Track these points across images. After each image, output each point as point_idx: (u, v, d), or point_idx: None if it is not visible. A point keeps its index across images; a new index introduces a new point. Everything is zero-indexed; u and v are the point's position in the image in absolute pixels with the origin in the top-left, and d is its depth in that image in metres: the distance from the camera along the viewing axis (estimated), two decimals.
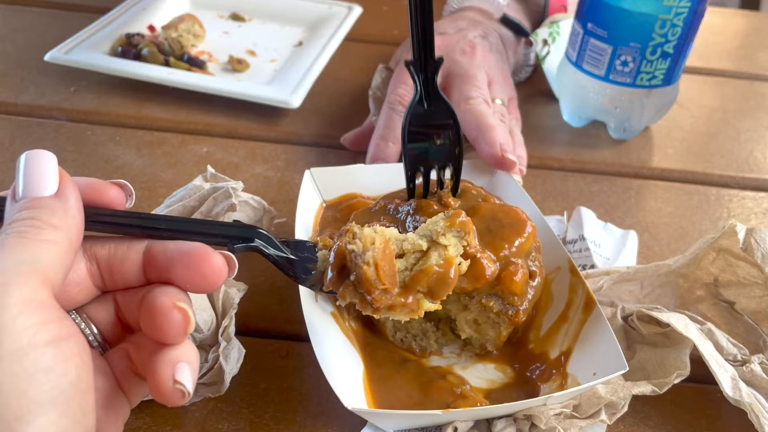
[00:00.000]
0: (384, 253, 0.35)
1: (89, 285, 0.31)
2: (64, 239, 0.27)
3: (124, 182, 0.32)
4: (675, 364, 0.41)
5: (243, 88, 0.70)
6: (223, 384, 0.41)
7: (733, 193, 0.66)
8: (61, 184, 0.29)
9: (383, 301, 0.35)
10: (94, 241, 0.31)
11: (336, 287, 0.36)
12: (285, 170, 0.64)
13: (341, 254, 0.35)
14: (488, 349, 0.44)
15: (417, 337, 0.45)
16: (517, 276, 0.40)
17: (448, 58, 0.62)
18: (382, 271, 0.34)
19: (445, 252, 0.37)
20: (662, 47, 0.62)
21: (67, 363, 0.26)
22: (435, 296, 0.37)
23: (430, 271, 0.36)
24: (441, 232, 0.37)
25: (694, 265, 0.46)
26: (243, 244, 0.33)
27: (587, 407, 0.39)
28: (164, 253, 0.31)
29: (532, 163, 0.67)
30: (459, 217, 0.38)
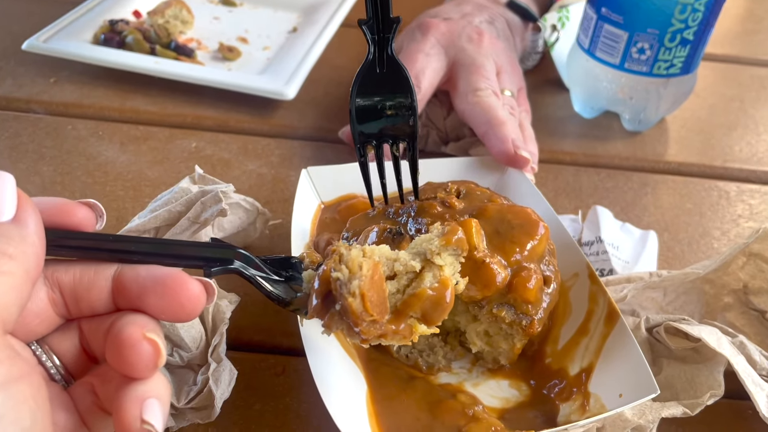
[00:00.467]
0: (372, 280, 0.31)
1: (51, 315, 0.29)
2: (19, 269, 0.25)
3: (94, 202, 0.30)
4: (707, 383, 0.38)
5: (234, 78, 0.66)
6: (213, 409, 0.37)
7: (755, 188, 0.62)
8: (19, 208, 0.26)
9: (371, 332, 0.32)
10: (57, 266, 0.29)
11: (321, 316, 0.33)
12: (279, 166, 0.60)
13: (326, 281, 0.32)
14: (501, 362, 0.41)
15: (423, 353, 0.42)
16: (530, 282, 0.37)
17: (454, 46, 0.58)
18: (369, 302, 0.31)
19: (441, 273, 0.33)
20: (682, 33, 0.59)
21: (19, 407, 0.23)
22: (430, 322, 0.33)
23: (424, 296, 0.33)
24: (436, 251, 0.34)
25: (722, 270, 0.43)
26: (220, 267, 0.31)
27: (612, 431, 0.36)
28: (136, 280, 0.28)
29: (542, 158, 0.63)
30: (455, 235, 0.34)
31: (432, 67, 0.56)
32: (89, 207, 0.29)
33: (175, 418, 0.38)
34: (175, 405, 0.37)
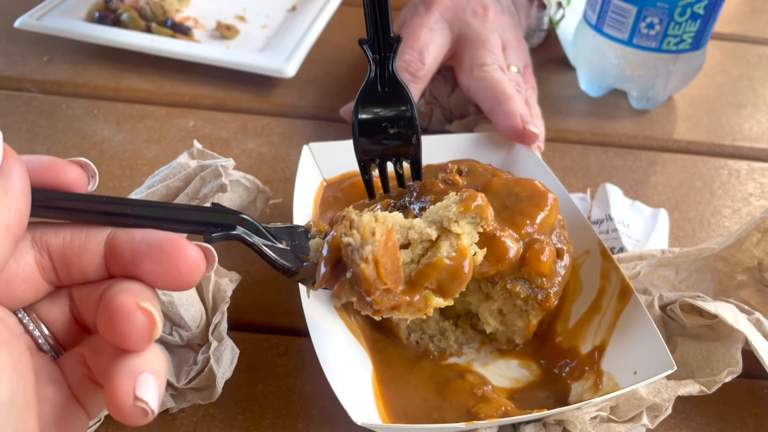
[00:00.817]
0: (386, 246, 0.29)
1: (39, 281, 0.27)
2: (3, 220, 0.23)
3: (86, 161, 0.28)
4: (724, 360, 0.36)
5: (232, 56, 0.65)
6: (214, 389, 0.36)
7: (766, 166, 0.61)
8: (3, 161, 0.24)
9: (384, 303, 0.30)
10: (46, 229, 0.27)
11: (330, 285, 0.31)
12: (280, 145, 0.59)
13: (336, 247, 0.30)
14: (516, 342, 0.40)
15: (434, 338, 0.40)
16: (544, 254, 0.36)
17: (458, 20, 0.57)
18: (383, 268, 0.29)
19: (458, 242, 0.32)
20: (692, 7, 0.57)
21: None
22: (446, 293, 0.32)
23: (440, 265, 0.31)
24: (453, 219, 0.32)
25: (735, 247, 0.42)
26: (222, 233, 0.29)
27: (626, 410, 0.35)
28: (130, 244, 0.26)
29: (549, 136, 0.62)
30: (474, 201, 0.32)
31: (436, 42, 0.55)
32: (80, 166, 0.28)
33: (175, 399, 0.37)
34: (175, 385, 0.36)
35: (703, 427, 0.39)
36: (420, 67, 0.53)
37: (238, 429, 0.37)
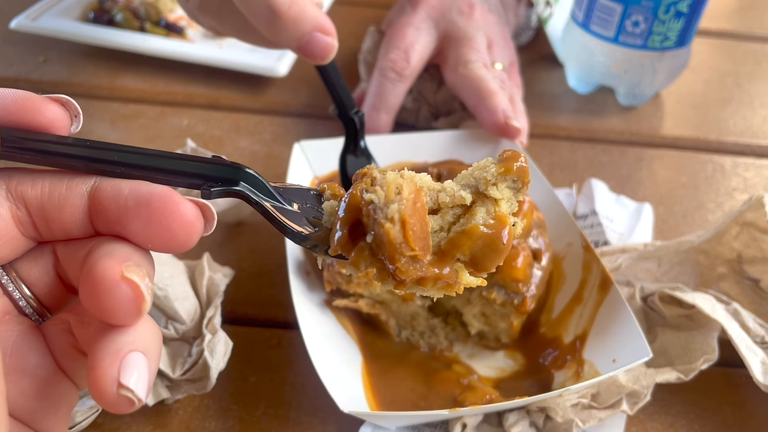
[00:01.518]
0: (414, 206, 0.25)
1: (17, 236, 0.24)
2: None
3: (67, 98, 0.24)
4: (702, 348, 0.38)
5: (225, 55, 0.66)
6: (208, 380, 0.37)
7: (749, 161, 0.62)
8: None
9: (410, 273, 0.25)
10: (22, 177, 0.24)
11: (347, 250, 0.26)
12: (272, 143, 0.60)
13: (355, 206, 0.25)
14: (503, 341, 0.41)
15: (425, 335, 0.41)
16: (517, 261, 0.36)
17: (444, 19, 0.58)
18: (411, 231, 0.24)
19: (497, 208, 0.26)
20: (676, 6, 0.58)
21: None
22: (480, 267, 0.27)
23: (476, 234, 0.26)
24: (491, 181, 0.26)
25: (716, 240, 0.43)
26: (222, 188, 0.24)
27: (607, 396, 0.36)
28: (116, 199, 0.23)
29: (538, 133, 0.63)
30: (517, 161, 0.27)
31: (422, 41, 0.56)
32: (61, 104, 0.24)
33: (170, 390, 0.38)
34: (170, 377, 0.37)
35: (683, 413, 0.40)
36: (405, 66, 0.54)
37: (232, 419, 0.38)
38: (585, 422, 0.35)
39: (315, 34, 0.37)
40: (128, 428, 0.38)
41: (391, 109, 0.55)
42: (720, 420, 0.40)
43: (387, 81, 0.54)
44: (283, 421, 0.38)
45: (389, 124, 0.55)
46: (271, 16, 0.36)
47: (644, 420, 0.39)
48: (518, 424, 0.35)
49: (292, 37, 0.37)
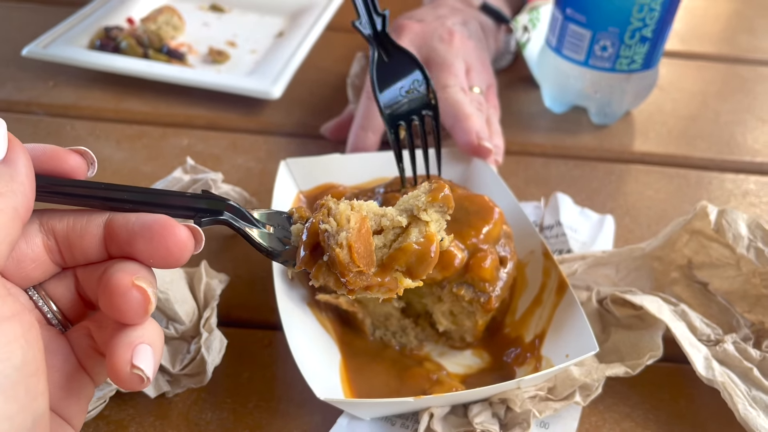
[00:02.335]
0: (359, 233, 0.32)
1: (46, 261, 0.29)
2: (8, 206, 0.25)
3: (85, 149, 0.30)
4: (648, 346, 0.42)
5: (223, 79, 0.70)
6: (205, 374, 0.41)
7: (713, 175, 0.66)
8: (9, 150, 0.27)
9: (357, 284, 0.32)
10: (52, 214, 0.29)
11: (309, 266, 0.33)
12: (267, 161, 0.64)
13: (314, 232, 0.33)
14: (468, 340, 0.44)
15: (396, 334, 0.45)
16: (485, 262, 0.40)
17: (426, 46, 0.62)
18: (357, 253, 0.32)
19: (426, 228, 0.34)
20: (640, 31, 0.63)
21: (10, 346, 0.24)
22: (415, 275, 0.34)
23: (410, 249, 0.33)
24: (422, 208, 0.34)
25: (669, 247, 0.47)
26: (210, 218, 0.31)
27: (562, 389, 0.40)
28: (125, 226, 0.28)
29: (514, 150, 0.68)
30: (442, 192, 0.34)
31: None
32: (80, 154, 0.29)
33: (171, 384, 0.42)
34: (170, 372, 0.41)
35: (639, 404, 0.43)
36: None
37: (227, 411, 0.42)
38: (542, 412, 0.39)
39: None
40: (132, 419, 0.41)
41: (377, 130, 0.59)
42: (673, 410, 0.43)
43: (372, 103, 0.59)
44: (273, 412, 0.42)
45: (376, 143, 0.59)
46: None
47: (603, 411, 0.43)
48: (481, 415, 0.38)
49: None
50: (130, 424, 0.41)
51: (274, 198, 0.48)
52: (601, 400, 0.43)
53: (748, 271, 0.45)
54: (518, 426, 0.38)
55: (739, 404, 0.40)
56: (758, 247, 0.44)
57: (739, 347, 0.43)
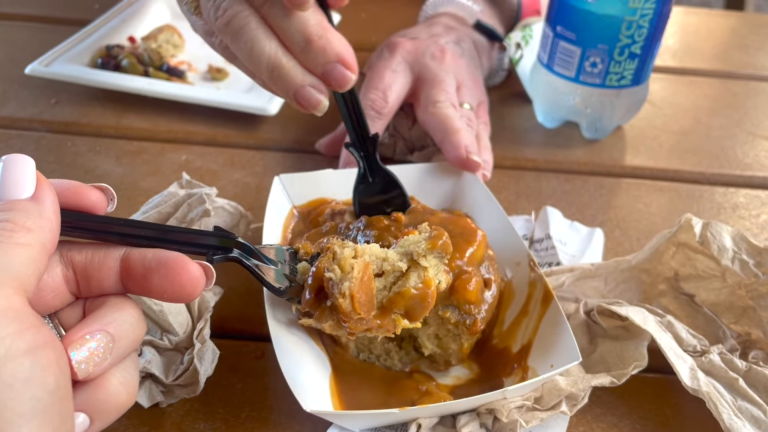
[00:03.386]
0: (361, 282, 0.34)
1: (64, 291, 0.31)
2: (37, 242, 0.27)
3: (106, 186, 0.32)
4: (633, 356, 0.42)
5: (222, 96, 0.71)
6: (198, 385, 0.42)
7: (704, 188, 0.67)
8: (37, 188, 0.29)
9: (358, 328, 0.35)
10: (71, 246, 0.31)
11: (313, 309, 0.36)
12: (263, 176, 0.65)
13: (319, 278, 0.35)
14: (452, 363, 0.45)
15: (380, 358, 0.45)
16: (470, 284, 0.41)
17: (418, 63, 0.63)
18: (358, 302, 0.34)
19: (425, 274, 0.37)
20: (629, 48, 0.64)
21: (45, 372, 0.26)
22: (412, 318, 0.37)
23: (408, 294, 0.36)
24: (422, 254, 0.37)
25: (656, 260, 0.48)
26: (222, 255, 0.33)
27: (548, 399, 0.40)
28: (142, 261, 0.31)
29: (507, 164, 0.69)
30: (441, 239, 0.37)
31: (398, 82, 0.61)
32: (101, 191, 0.31)
33: (164, 395, 0.42)
34: (164, 382, 0.42)
35: (626, 415, 0.44)
36: (384, 105, 0.60)
37: (219, 421, 0.43)
38: (528, 422, 0.39)
39: (336, 65, 0.41)
40: (126, 430, 0.42)
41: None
42: (660, 420, 0.44)
43: (367, 118, 0.60)
44: (265, 422, 0.42)
45: None
46: (304, 43, 0.40)
47: (591, 421, 0.43)
48: (469, 425, 0.39)
49: (317, 63, 0.41)
50: None
51: (267, 213, 0.49)
52: (589, 410, 0.44)
53: (733, 282, 0.46)
54: None
55: (724, 414, 0.40)
56: (743, 259, 0.45)
57: (725, 358, 0.43)
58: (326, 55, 0.40)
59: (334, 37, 0.41)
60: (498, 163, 0.68)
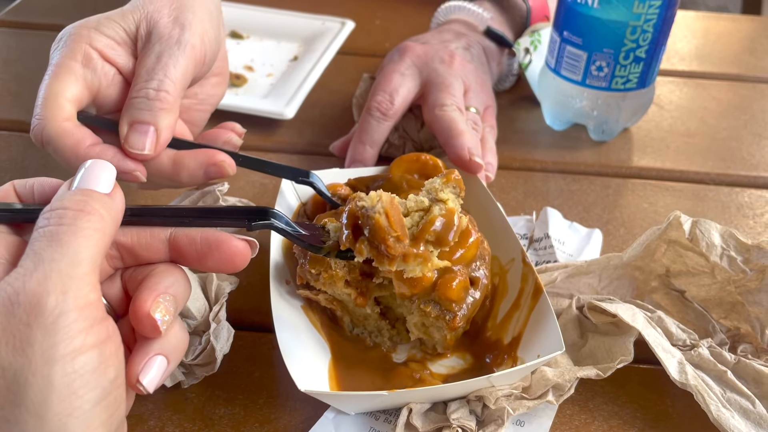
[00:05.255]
0: (392, 203, 0.38)
1: (106, 267, 0.36)
2: (108, 230, 0.31)
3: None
4: (620, 351, 0.44)
5: (241, 101, 0.75)
6: (215, 363, 0.45)
7: (709, 188, 0.68)
8: (114, 188, 0.33)
9: (397, 249, 0.37)
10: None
11: (352, 245, 0.39)
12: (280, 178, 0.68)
13: (353, 214, 0.39)
14: (438, 351, 0.47)
15: (372, 334, 0.48)
16: (453, 283, 0.42)
17: (427, 67, 0.66)
18: (393, 218, 0.37)
19: (446, 204, 0.40)
20: (634, 52, 0.66)
21: (107, 363, 0.29)
22: (443, 243, 0.40)
23: (436, 220, 0.39)
24: (439, 189, 0.41)
25: (648, 258, 0.50)
26: (260, 221, 0.37)
27: (536, 389, 0.42)
28: (192, 245, 0.35)
29: (516, 165, 0.71)
30: (453, 174, 0.42)
31: (406, 86, 0.64)
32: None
33: (186, 375, 0.45)
34: (184, 362, 0.44)
35: (627, 404, 0.46)
36: (390, 107, 0.63)
37: (238, 406, 0.45)
38: (515, 410, 0.41)
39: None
40: (151, 414, 0.45)
41: (375, 144, 0.63)
42: (660, 410, 0.46)
43: (373, 119, 0.63)
44: (282, 408, 0.45)
45: (374, 156, 0.63)
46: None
47: (593, 409, 0.45)
48: (458, 411, 0.41)
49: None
50: (149, 418, 0.45)
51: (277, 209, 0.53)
52: (591, 399, 0.46)
53: (722, 278, 0.47)
54: (493, 423, 0.41)
55: (712, 405, 0.42)
56: (731, 256, 0.47)
57: (714, 351, 0.45)
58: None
59: None
60: (507, 164, 0.70)
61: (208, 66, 0.51)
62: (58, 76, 0.43)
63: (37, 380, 0.27)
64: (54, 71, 0.43)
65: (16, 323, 0.27)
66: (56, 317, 0.28)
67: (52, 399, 0.27)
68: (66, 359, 0.28)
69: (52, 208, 0.31)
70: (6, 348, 0.27)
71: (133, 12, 0.47)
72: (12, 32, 0.95)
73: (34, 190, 0.36)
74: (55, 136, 0.43)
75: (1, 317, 0.27)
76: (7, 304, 0.28)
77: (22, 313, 0.27)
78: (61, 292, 0.28)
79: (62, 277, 0.28)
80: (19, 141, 0.73)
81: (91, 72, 0.45)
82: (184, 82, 0.46)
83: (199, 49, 0.47)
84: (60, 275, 0.28)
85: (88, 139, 0.44)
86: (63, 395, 0.27)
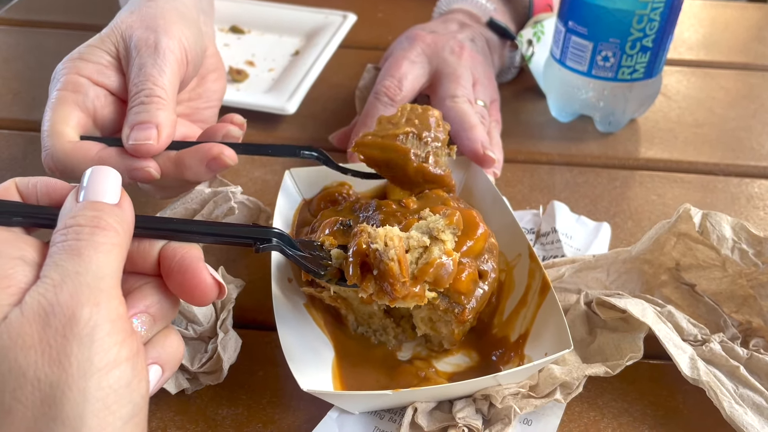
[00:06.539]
0: (401, 248, 0.39)
1: None
2: (123, 244, 0.31)
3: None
4: (630, 347, 0.43)
5: (242, 97, 0.74)
6: (221, 372, 0.44)
7: (718, 179, 0.67)
8: (122, 197, 0.32)
9: (402, 292, 0.38)
10: None
11: (359, 282, 0.40)
12: (282, 173, 0.66)
13: (361, 252, 0.39)
14: (445, 346, 0.46)
15: (377, 332, 0.47)
16: (462, 275, 0.42)
17: (437, 56, 0.65)
18: (404, 266, 0.38)
19: (445, 246, 0.41)
20: (641, 41, 0.65)
21: (139, 377, 0.29)
22: (439, 285, 0.40)
23: (435, 263, 0.39)
24: (441, 230, 0.41)
25: (658, 251, 0.49)
26: (266, 245, 0.37)
27: (543, 387, 0.42)
28: (171, 260, 0.34)
29: (521, 158, 0.70)
30: (455, 216, 0.42)
31: (415, 73, 0.63)
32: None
33: (190, 382, 0.45)
34: (189, 370, 0.44)
35: (638, 400, 0.45)
36: (397, 93, 0.62)
37: (242, 406, 0.45)
38: (522, 409, 0.40)
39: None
40: (153, 415, 0.44)
41: None
42: (672, 406, 0.45)
43: (380, 103, 0.62)
44: (285, 407, 0.45)
45: None
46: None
47: (602, 406, 0.45)
48: (465, 410, 0.41)
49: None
50: (151, 419, 0.44)
51: (278, 205, 0.52)
52: (600, 396, 0.45)
53: (734, 272, 0.46)
54: (500, 421, 0.40)
55: (725, 402, 0.41)
56: (742, 249, 0.46)
57: (726, 346, 0.44)
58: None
59: None
60: (513, 157, 0.69)
61: (194, 64, 0.51)
62: (55, 108, 0.46)
63: (73, 394, 0.26)
64: (51, 105, 0.46)
65: (53, 333, 0.27)
66: (91, 329, 0.27)
67: (87, 414, 0.26)
68: (101, 372, 0.27)
69: (66, 225, 0.30)
70: (42, 358, 0.26)
71: (110, 35, 0.49)
72: (12, 30, 0.94)
73: (38, 190, 0.35)
74: (64, 157, 0.44)
75: (37, 327, 0.27)
76: (42, 315, 0.27)
77: (58, 324, 0.27)
78: (94, 304, 0.27)
79: (92, 289, 0.28)
80: (20, 139, 0.73)
81: (83, 97, 0.47)
82: (172, 84, 0.48)
83: (178, 51, 0.49)
84: (90, 288, 0.28)
85: (94, 148, 0.46)
86: (97, 410, 0.27)
